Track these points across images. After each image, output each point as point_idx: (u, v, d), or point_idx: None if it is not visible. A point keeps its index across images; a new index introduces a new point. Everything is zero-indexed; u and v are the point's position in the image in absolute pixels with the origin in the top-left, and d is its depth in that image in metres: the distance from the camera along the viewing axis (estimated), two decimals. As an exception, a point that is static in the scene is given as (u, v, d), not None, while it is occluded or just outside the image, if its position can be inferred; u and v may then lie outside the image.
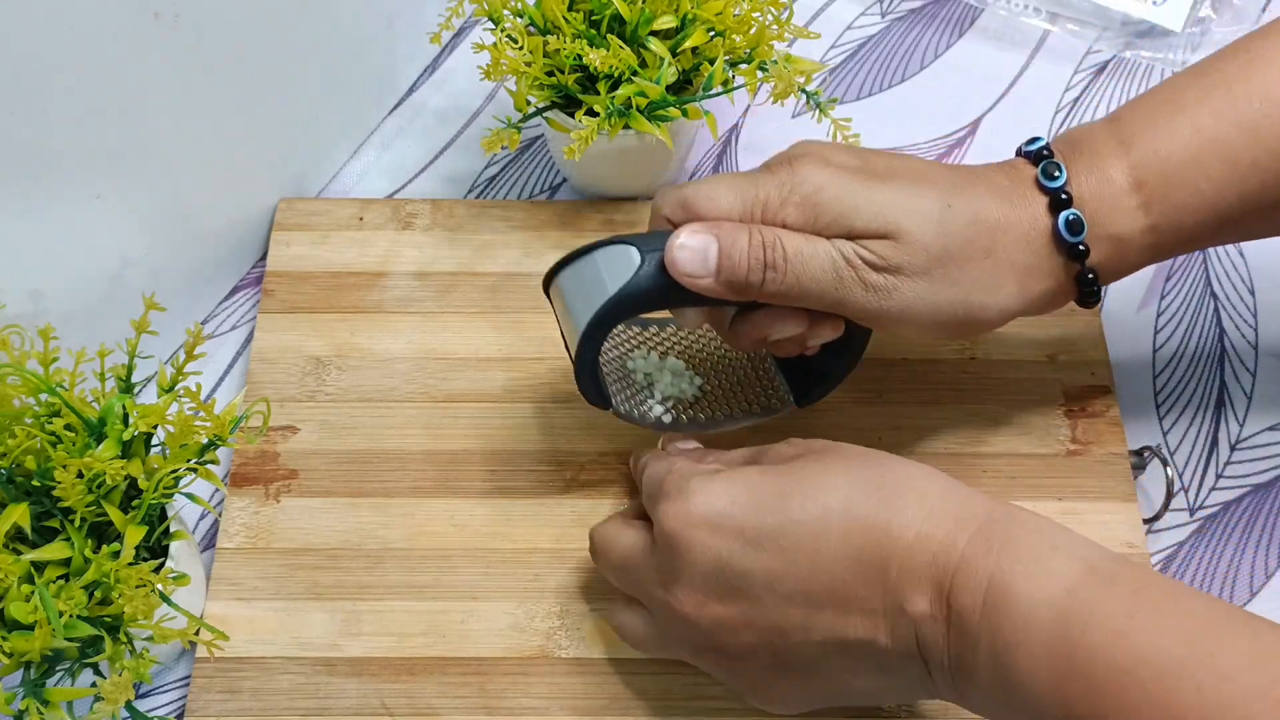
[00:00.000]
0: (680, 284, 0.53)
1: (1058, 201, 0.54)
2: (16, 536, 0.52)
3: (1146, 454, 0.63)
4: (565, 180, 0.75)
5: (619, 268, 0.54)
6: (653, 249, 0.54)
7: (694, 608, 0.51)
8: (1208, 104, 0.54)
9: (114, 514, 0.52)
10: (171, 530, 0.55)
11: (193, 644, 0.52)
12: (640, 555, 0.53)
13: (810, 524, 0.49)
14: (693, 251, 0.53)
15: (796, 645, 0.49)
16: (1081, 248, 0.54)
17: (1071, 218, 0.54)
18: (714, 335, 0.64)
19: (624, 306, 0.54)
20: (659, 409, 0.62)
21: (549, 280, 0.57)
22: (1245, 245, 0.72)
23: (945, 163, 0.57)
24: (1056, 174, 0.54)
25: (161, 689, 0.60)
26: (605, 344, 0.59)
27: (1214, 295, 0.70)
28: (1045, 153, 0.55)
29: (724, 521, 0.50)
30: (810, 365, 0.61)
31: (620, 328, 0.63)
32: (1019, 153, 0.57)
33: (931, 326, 0.54)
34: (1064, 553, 0.47)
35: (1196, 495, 0.64)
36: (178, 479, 0.53)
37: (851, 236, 0.53)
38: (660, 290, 0.53)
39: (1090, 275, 0.55)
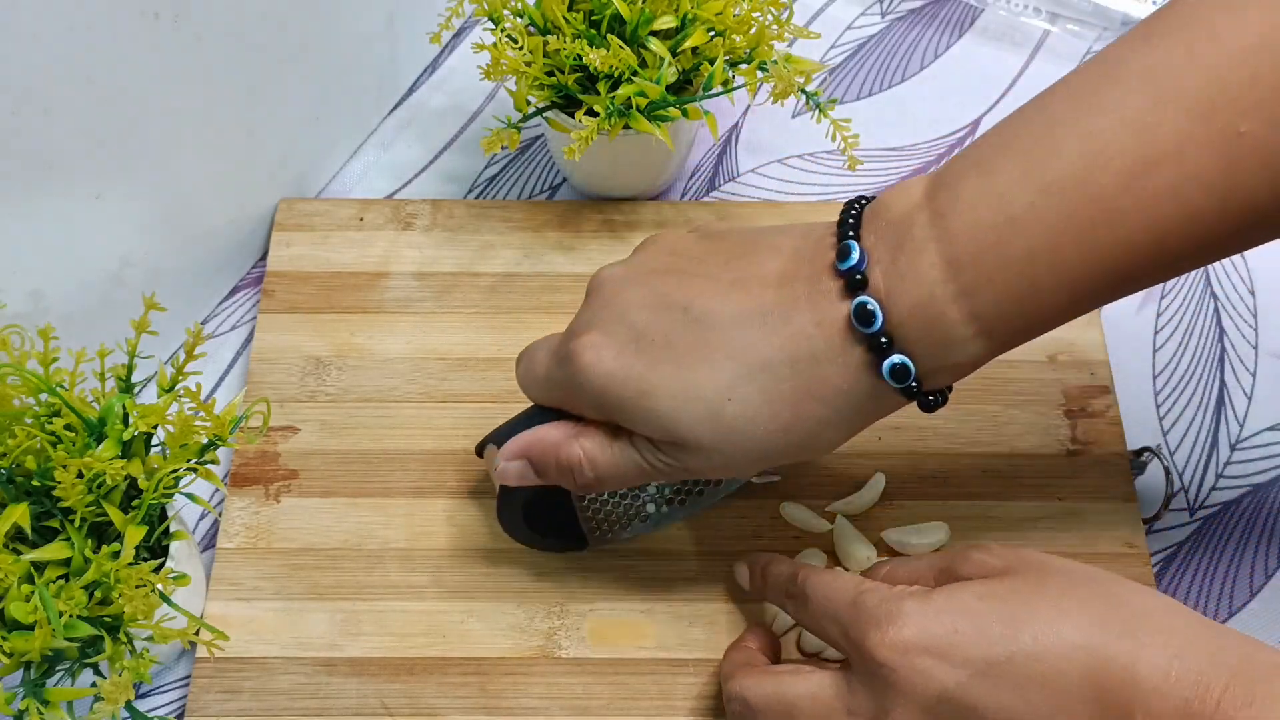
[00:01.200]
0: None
1: (878, 347, 0.47)
2: (16, 536, 0.52)
3: (1146, 454, 0.63)
4: (565, 180, 0.75)
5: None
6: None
7: None
8: (1042, 221, 0.45)
9: (114, 514, 0.52)
10: (171, 530, 0.55)
11: (193, 644, 0.52)
12: (834, 700, 0.47)
13: (1046, 658, 0.44)
14: (513, 472, 0.55)
15: None
16: (912, 386, 0.48)
17: (896, 365, 0.47)
18: None
19: (509, 500, 0.57)
20: (651, 505, 0.60)
21: (479, 453, 0.59)
22: (1245, 245, 0.71)
23: (745, 280, 0.50)
24: (870, 319, 0.47)
25: (161, 689, 0.60)
26: None
27: (1214, 295, 0.70)
28: (859, 277, 0.47)
29: (949, 651, 0.45)
30: None
31: None
32: (842, 230, 0.49)
33: (759, 469, 0.55)
34: None
35: (1196, 495, 0.65)
36: (178, 479, 0.53)
37: (646, 439, 0.51)
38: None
39: (929, 399, 0.49)
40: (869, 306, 0.47)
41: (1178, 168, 0.44)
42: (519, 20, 0.65)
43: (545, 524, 0.59)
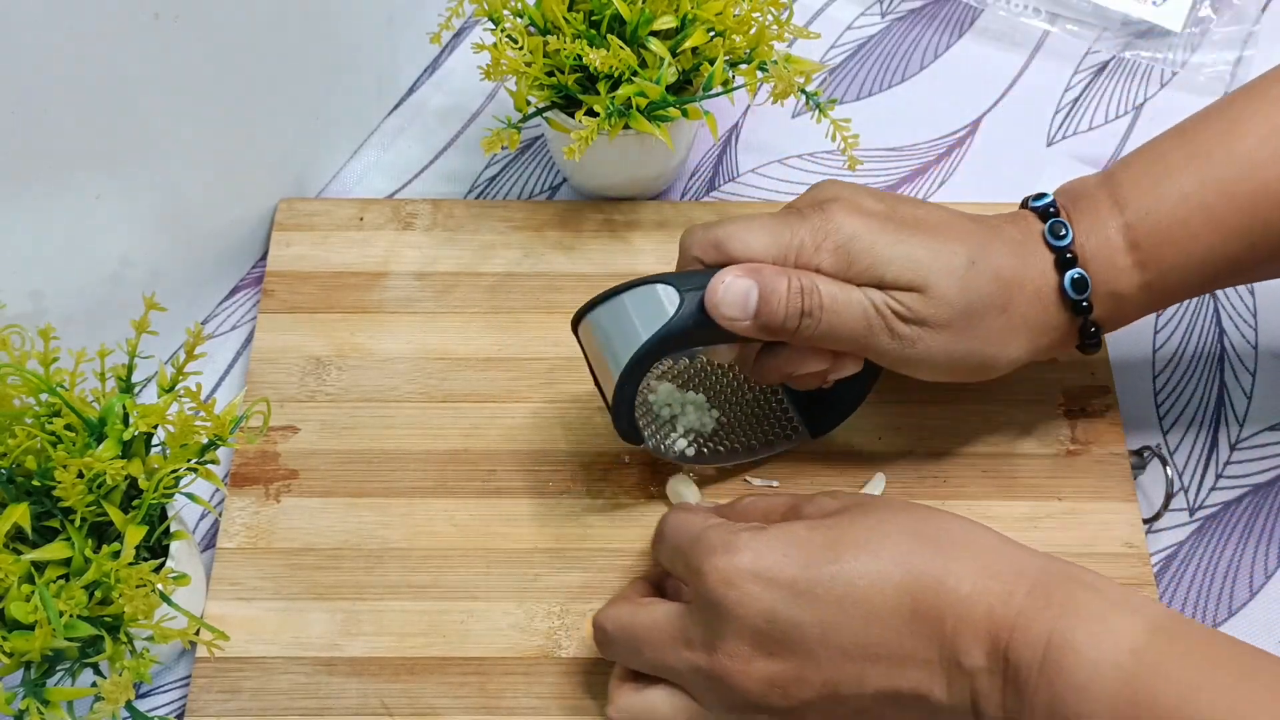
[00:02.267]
0: (719, 325, 0.54)
1: (1063, 260, 0.56)
2: (17, 536, 0.52)
3: (1146, 454, 0.63)
4: (565, 180, 0.75)
5: (657, 307, 0.55)
6: (690, 288, 0.54)
7: (742, 664, 0.49)
8: (1191, 169, 0.56)
9: (114, 514, 0.52)
10: (172, 530, 0.55)
11: (193, 644, 0.52)
12: (672, 626, 0.51)
13: (865, 575, 0.48)
14: (734, 295, 0.54)
15: (850, 698, 0.49)
16: (1085, 304, 0.56)
17: (1076, 276, 0.56)
18: (728, 369, 0.64)
19: (666, 345, 0.55)
20: (682, 442, 0.62)
21: (579, 318, 0.57)
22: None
23: (963, 211, 0.58)
24: (1063, 233, 0.56)
25: (161, 689, 0.60)
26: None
27: (1214, 295, 0.70)
28: (1051, 209, 0.57)
29: (777, 574, 0.49)
30: (823, 396, 0.61)
31: None
32: (1025, 204, 0.59)
33: (946, 373, 0.57)
34: (1125, 610, 0.46)
35: (1196, 495, 0.64)
36: (178, 479, 0.53)
37: (882, 286, 0.55)
38: (699, 329, 0.55)
39: (1093, 328, 0.57)
40: (1061, 224, 0.56)
41: None
42: (519, 20, 0.65)
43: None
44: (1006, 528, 0.61)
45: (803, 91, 0.64)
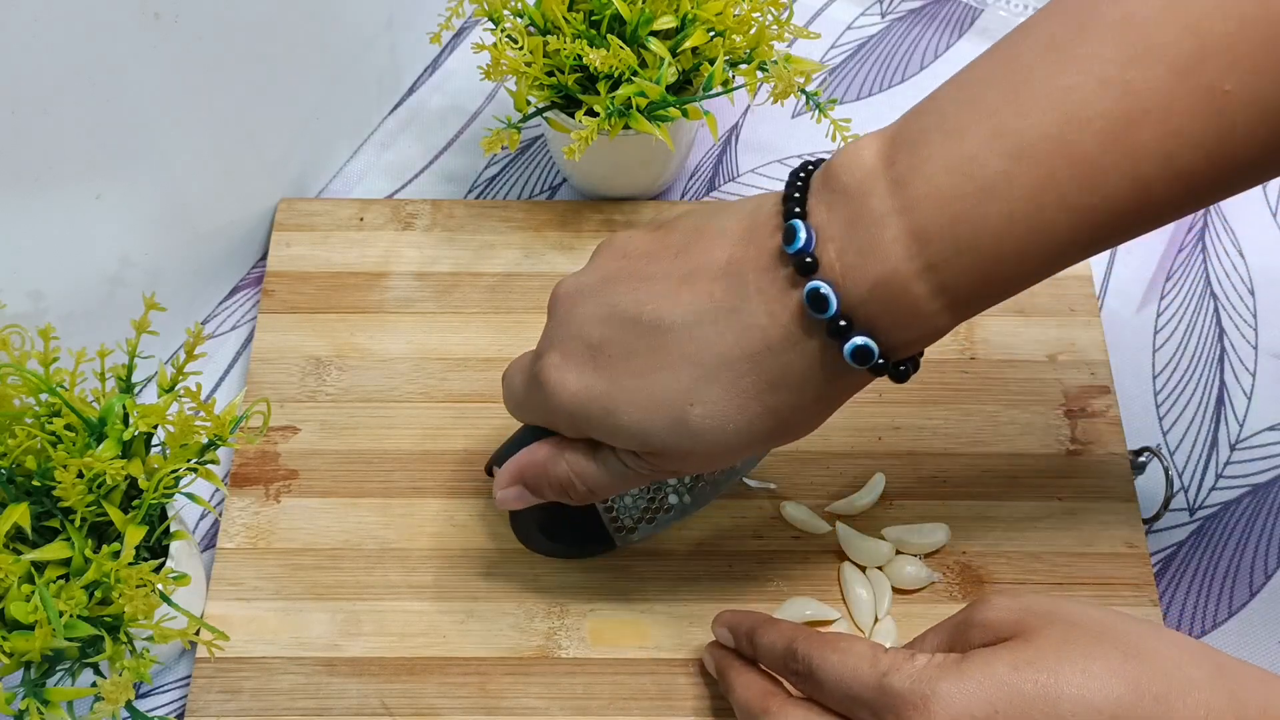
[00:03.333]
0: None
1: (837, 331, 0.45)
2: (16, 536, 0.52)
3: (1146, 454, 0.63)
4: (565, 180, 0.75)
5: None
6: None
7: None
8: (1020, 185, 0.43)
9: (114, 514, 0.52)
10: (172, 530, 0.55)
11: (193, 644, 0.52)
12: None
13: None
14: (511, 498, 0.55)
15: None
16: (879, 365, 0.46)
17: (859, 348, 0.45)
18: None
19: (519, 518, 0.59)
20: (673, 497, 0.59)
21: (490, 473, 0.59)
22: (1244, 244, 0.72)
23: (704, 273, 0.47)
24: (824, 304, 0.44)
25: (162, 689, 0.60)
26: None
27: (1214, 295, 0.70)
28: (809, 261, 0.44)
29: None
30: None
31: None
32: (787, 209, 0.46)
33: (746, 455, 0.51)
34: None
35: (1196, 495, 0.65)
36: (178, 479, 0.53)
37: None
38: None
39: (900, 369, 0.47)
40: (822, 291, 0.44)
41: (1161, 125, 0.42)
42: (519, 20, 0.65)
43: (567, 531, 0.59)
44: (1007, 528, 0.62)
45: (803, 91, 0.64)
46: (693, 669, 0.58)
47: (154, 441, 0.55)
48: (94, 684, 0.49)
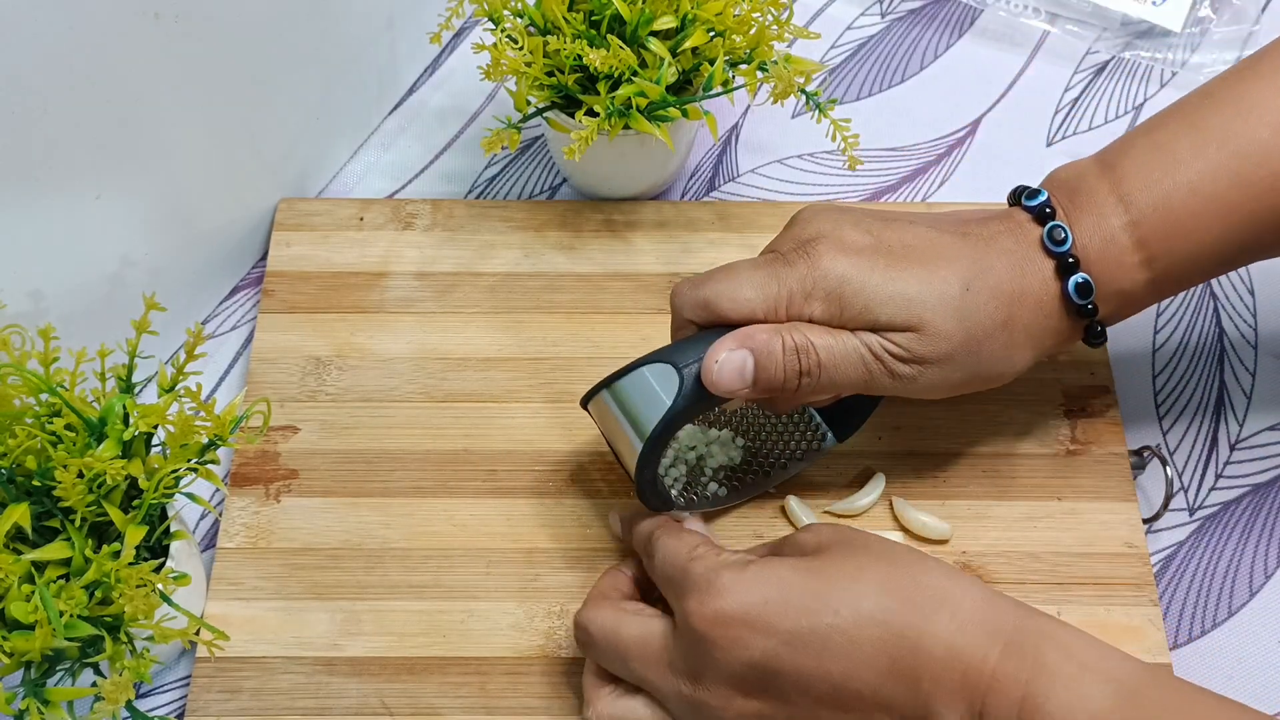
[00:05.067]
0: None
1: (1065, 266, 0.54)
2: (17, 536, 0.52)
3: (1146, 454, 0.63)
4: (565, 180, 0.75)
5: (659, 388, 0.55)
6: (688, 363, 0.54)
7: (722, 701, 0.50)
8: (1202, 160, 0.54)
9: (114, 514, 0.52)
10: (172, 530, 0.55)
11: (193, 644, 0.52)
12: (659, 646, 0.52)
13: (844, 629, 0.48)
14: (731, 369, 0.53)
15: None
16: (1090, 307, 0.55)
17: (1080, 282, 0.54)
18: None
19: (673, 426, 0.55)
20: (714, 486, 0.61)
21: (587, 400, 0.58)
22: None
23: (952, 220, 0.56)
24: (1062, 237, 0.54)
25: (162, 689, 0.60)
26: None
27: (1214, 295, 0.70)
28: (1048, 210, 0.55)
29: (758, 621, 0.49)
30: (843, 401, 0.61)
31: None
32: (1016, 199, 0.57)
33: (951, 393, 0.56)
34: (1094, 674, 0.47)
35: (1196, 495, 0.65)
36: (178, 479, 0.53)
37: (876, 329, 0.54)
38: (702, 403, 0.54)
39: (1099, 327, 0.56)
40: (1060, 228, 0.54)
41: None
42: (519, 20, 0.65)
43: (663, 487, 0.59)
44: (1007, 527, 0.62)
45: (803, 91, 0.64)
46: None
47: (154, 441, 0.55)
48: (94, 684, 0.49)
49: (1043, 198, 0.56)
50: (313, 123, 0.72)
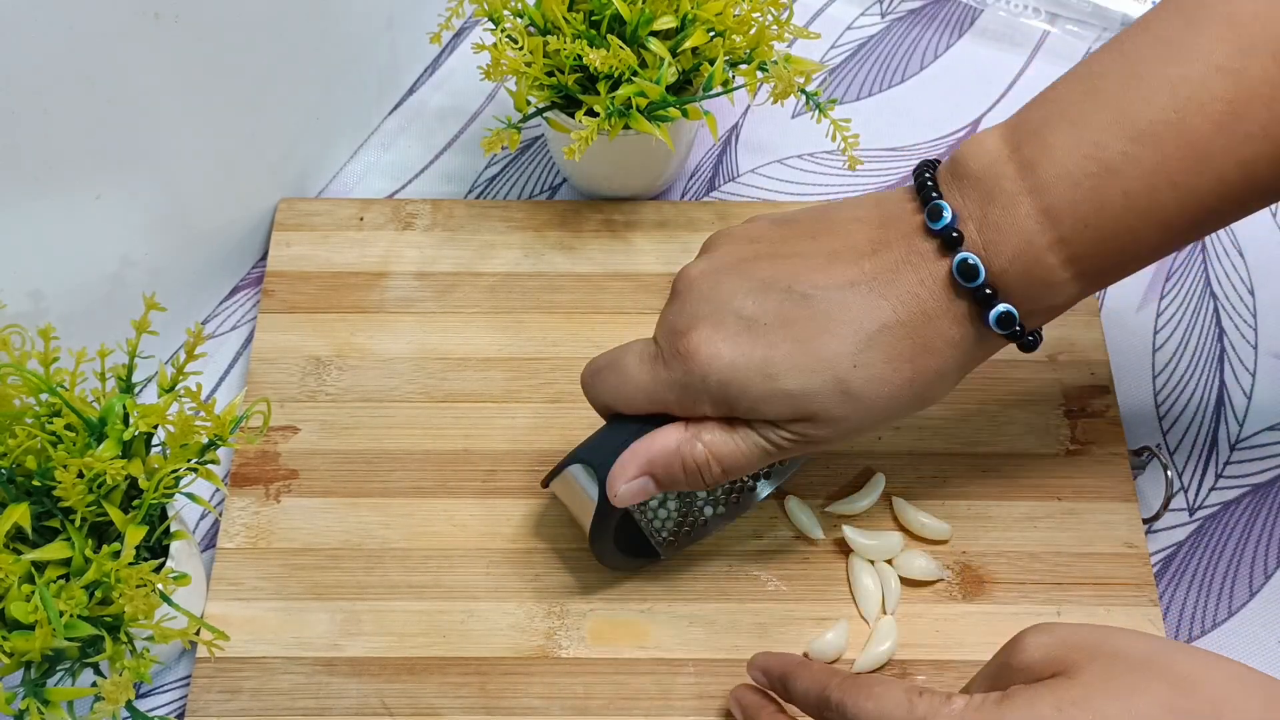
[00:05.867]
0: None
1: (983, 298, 0.49)
2: (17, 536, 0.52)
3: (1146, 454, 0.63)
4: (565, 180, 0.75)
5: (586, 485, 0.56)
6: (606, 464, 0.54)
7: None
8: (1137, 165, 0.47)
9: (114, 514, 0.52)
10: (172, 530, 0.55)
11: (193, 644, 0.52)
12: None
13: None
14: (635, 491, 0.53)
15: None
16: (1017, 331, 0.50)
17: (1002, 314, 0.49)
18: None
19: (605, 521, 0.56)
20: (708, 510, 0.61)
21: (547, 483, 0.58)
22: (1244, 244, 0.72)
23: (849, 252, 0.51)
24: (976, 272, 0.49)
25: (162, 689, 0.60)
26: None
27: (1214, 295, 0.70)
28: (955, 235, 0.49)
29: None
30: None
31: None
32: (925, 195, 0.50)
33: (878, 432, 0.54)
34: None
35: (1196, 495, 0.65)
36: (178, 479, 0.53)
37: (769, 422, 0.51)
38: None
39: (1030, 339, 0.52)
40: (970, 261, 0.48)
41: (1268, 109, 0.47)
42: (519, 20, 0.65)
43: (626, 545, 0.59)
44: (1007, 528, 0.62)
45: (803, 91, 0.64)
46: (692, 669, 0.58)
47: (154, 441, 0.55)
48: (94, 684, 0.49)
49: (947, 220, 0.49)
50: (313, 123, 0.72)
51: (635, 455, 0.53)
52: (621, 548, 0.59)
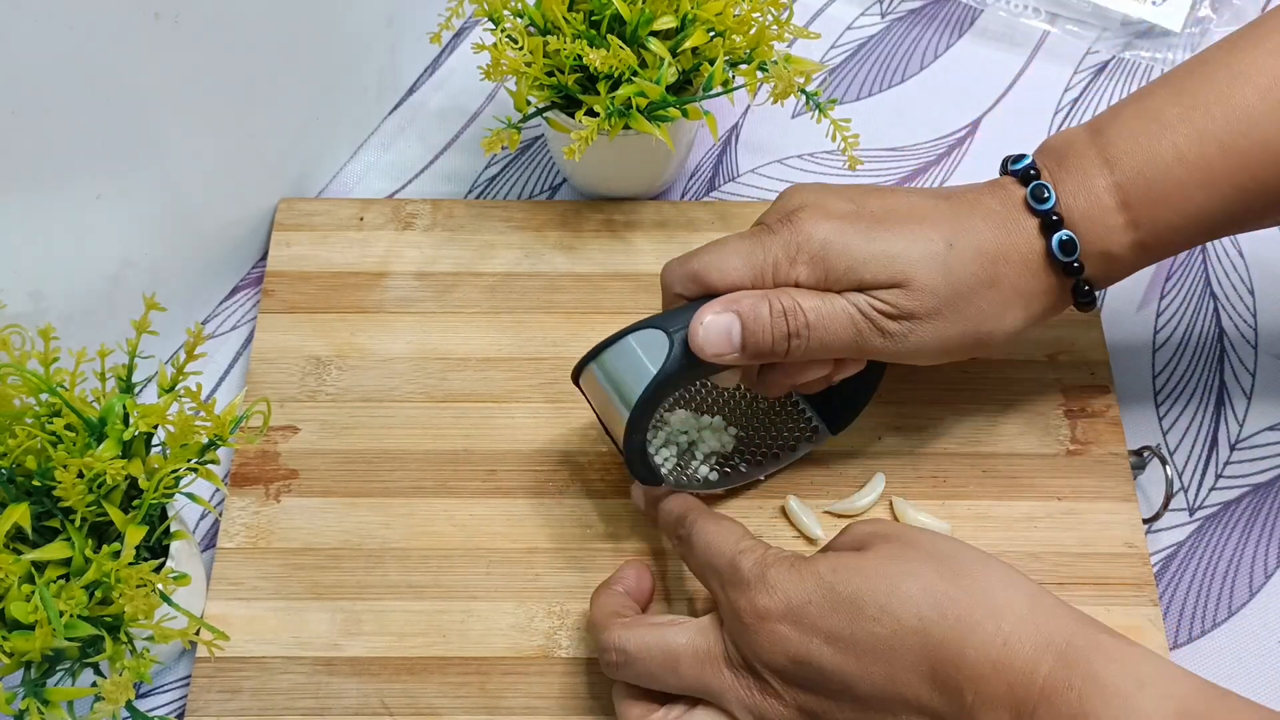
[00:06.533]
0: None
1: (1049, 223, 0.55)
2: (17, 536, 0.52)
3: (1146, 454, 0.63)
4: (565, 180, 0.75)
5: (648, 354, 0.55)
6: (677, 328, 0.54)
7: (778, 691, 0.50)
8: (1188, 125, 0.54)
9: (114, 514, 0.52)
10: (172, 530, 0.55)
11: (193, 644, 0.52)
12: (707, 647, 0.52)
13: (884, 636, 0.48)
14: (718, 331, 0.54)
15: None
16: (1076, 265, 0.55)
17: (1064, 239, 0.55)
18: (738, 386, 0.63)
19: (661, 391, 0.54)
20: (704, 469, 0.62)
21: (579, 370, 0.57)
22: (1244, 244, 0.72)
23: (936, 190, 0.57)
24: (1045, 196, 0.55)
25: (162, 689, 0.60)
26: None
27: (1213, 295, 0.70)
28: (1032, 172, 0.56)
29: (802, 619, 0.49)
30: (837, 392, 0.61)
31: None
32: (1005, 168, 0.58)
33: (943, 356, 0.56)
34: (1152, 690, 0.45)
35: (1196, 495, 0.65)
36: (178, 479, 0.53)
37: (863, 288, 0.54)
38: (692, 369, 0.54)
39: (1086, 287, 0.56)
40: (1043, 188, 0.55)
41: None
42: (519, 20, 0.65)
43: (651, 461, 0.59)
44: (1007, 527, 0.62)
45: (803, 91, 0.64)
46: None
47: (154, 441, 0.55)
48: (94, 684, 0.49)
49: (1027, 161, 0.56)
50: (313, 123, 0.72)
51: (722, 298, 0.54)
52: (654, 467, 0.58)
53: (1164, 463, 0.63)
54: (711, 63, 0.64)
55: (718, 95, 0.65)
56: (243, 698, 0.58)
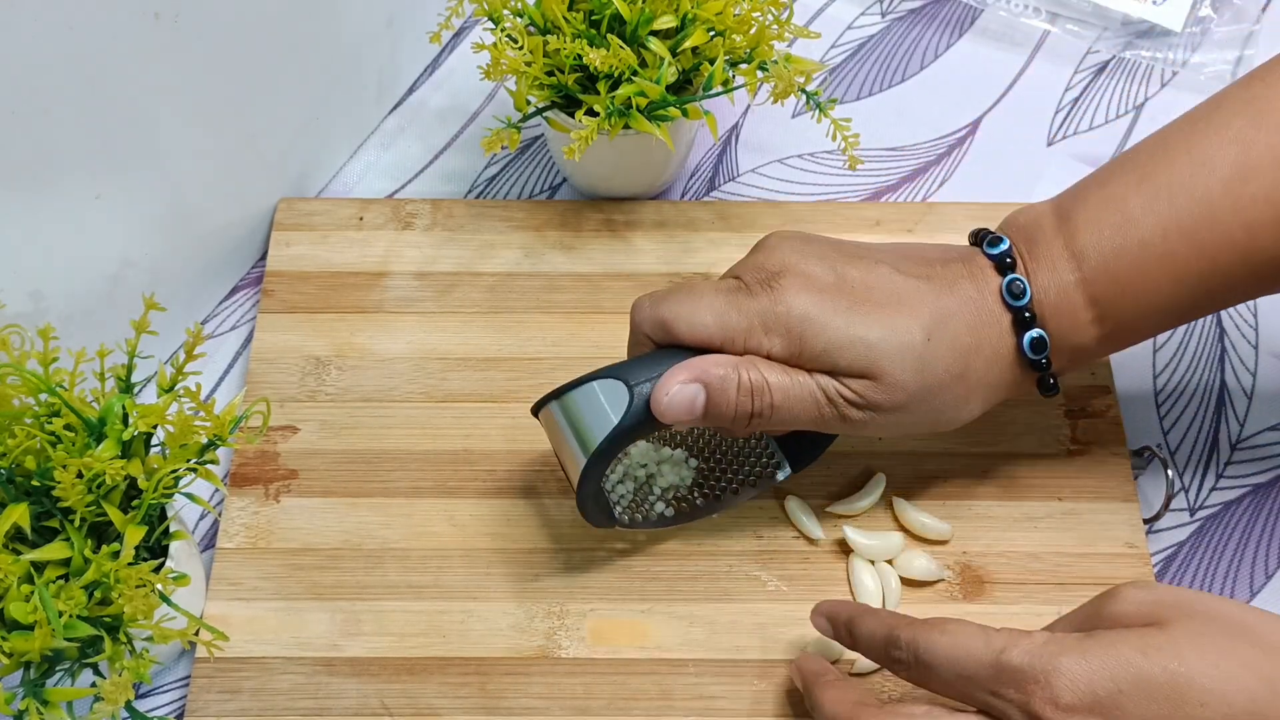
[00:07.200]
0: None
1: (1023, 320, 0.54)
2: (16, 536, 0.52)
3: (1147, 454, 0.63)
4: (565, 180, 0.75)
5: (609, 403, 0.54)
6: (640, 382, 0.54)
7: None
8: (1153, 217, 0.53)
9: (114, 514, 0.52)
10: (171, 530, 0.55)
11: (193, 644, 0.52)
12: None
13: None
14: (682, 400, 0.53)
15: None
16: (1044, 361, 0.54)
17: (1035, 338, 0.54)
18: None
19: (618, 444, 0.54)
20: (660, 505, 0.61)
21: (538, 408, 0.57)
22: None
23: (914, 259, 0.56)
24: (1021, 291, 0.54)
25: (161, 689, 0.60)
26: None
27: (1214, 295, 0.70)
28: (1009, 260, 0.55)
29: (1116, 712, 0.44)
30: (803, 432, 0.60)
31: None
32: (978, 243, 0.56)
33: (900, 436, 0.59)
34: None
35: (1196, 495, 0.64)
36: (178, 479, 0.53)
37: (834, 373, 0.53)
38: (649, 425, 0.54)
39: (1051, 380, 0.56)
40: (1019, 281, 0.54)
41: (1272, 175, 0.52)
42: (519, 20, 0.65)
43: (602, 504, 0.59)
44: (1007, 528, 0.62)
45: (803, 91, 0.64)
46: (692, 669, 0.58)
47: (154, 441, 0.55)
48: (94, 684, 0.49)
49: (1004, 246, 0.55)
50: (313, 123, 0.72)
51: (689, 365, 0.53)
52: (606, 509, 0.58)
53: (1165, 463, 0.63)
54: (711, 62, 0.64)
55: (718, 95, 0.64)
56: (242, 698, 0.57)
